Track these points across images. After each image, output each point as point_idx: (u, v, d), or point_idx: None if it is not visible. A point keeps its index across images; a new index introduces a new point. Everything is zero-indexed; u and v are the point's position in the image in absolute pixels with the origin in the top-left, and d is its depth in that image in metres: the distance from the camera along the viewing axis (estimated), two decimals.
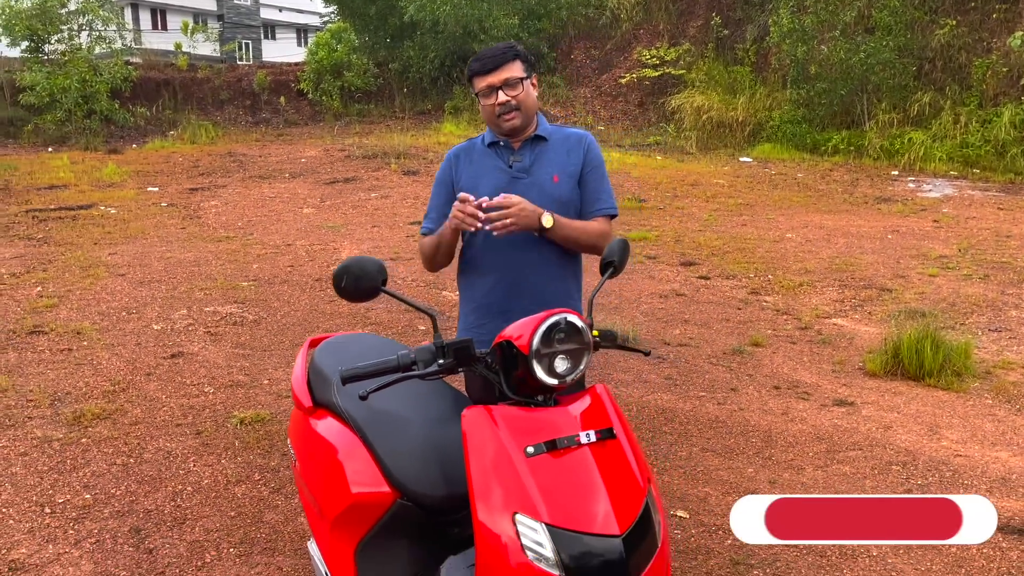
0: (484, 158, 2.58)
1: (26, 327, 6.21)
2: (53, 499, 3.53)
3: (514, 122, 2.49)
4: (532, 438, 1.68)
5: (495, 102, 2.46)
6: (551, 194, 2.51)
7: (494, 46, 2.53)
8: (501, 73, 2.45)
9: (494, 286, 2.47)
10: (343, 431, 2.26)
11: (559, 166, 2.55)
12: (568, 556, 1.57)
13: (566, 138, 2.60)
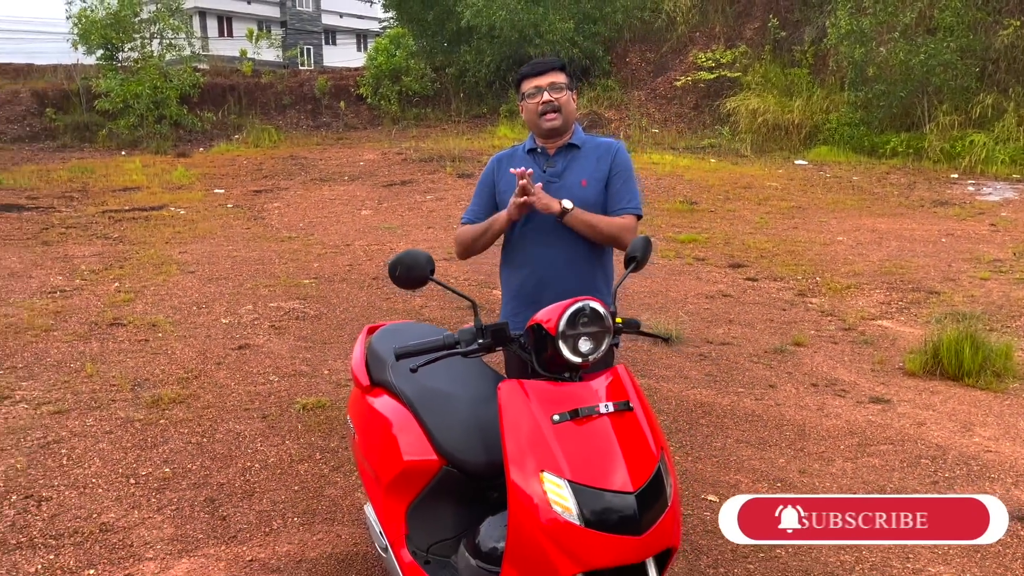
0: (522, 163, 2.85)
1: (107, 319, 6.68)
2: (137, 472, 3.89)
3: (555, 123, 2.76)
4: (558, 407, 1.93)
5: (540, 100, 2.73)
6: (579, 196, 2.78)
7: (543, 57, 2.83)
8: (548, 77, 2.75)
9: (527, 278, 2.73)
10: (396, 406, 2.54)
11: (588, 172, 2.82)
12: (588, 510, 1.81)
13: (597, 147, 2.87)
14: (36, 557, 3.14)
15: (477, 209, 2.93)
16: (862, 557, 3.19)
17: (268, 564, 3.09)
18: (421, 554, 2.40)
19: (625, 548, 1.82)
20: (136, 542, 3.25)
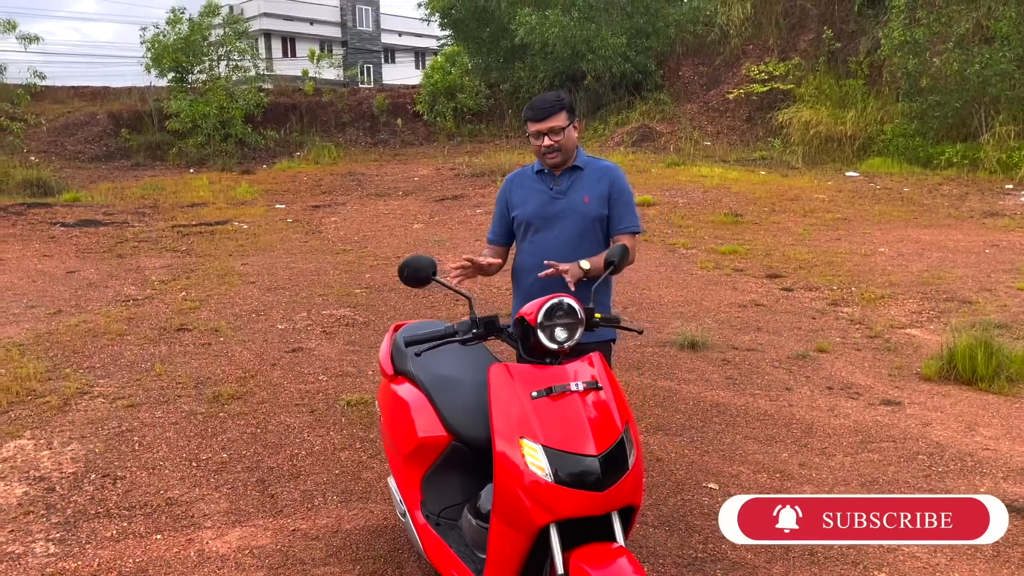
0: (532, 183, 3.26)
1: (174, 325, 7.26)
2: (198, 456, 4.37)
3: (555, 160, 3.15)
4: (536, 385, 2.30)
5: (541, 144, 3.11)
6: (581, 211, 3.16)
7: (545, 96, 3.17)
8: (548, 123, 3.08)
9: (534, 282, 3.09)
10: (414, 391, 2.95)
11: (590, 190, 3.19)
12: (559, 470, 2.17)
13: (597, 168, 3.25)
14: (112, 524, 3.63)
15: (497, 228, 3.33)
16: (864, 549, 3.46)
17: (309, 533, 3.52)
18: (433, 517, 2.79)
19: (590, 502, 2.18)
20: (196, 514, 3.72)
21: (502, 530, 2.28)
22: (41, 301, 8.26)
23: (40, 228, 12.85)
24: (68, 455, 4.38)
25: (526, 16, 22.61)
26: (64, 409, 5.10)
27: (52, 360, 6.17)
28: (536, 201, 3.19)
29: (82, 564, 3.29)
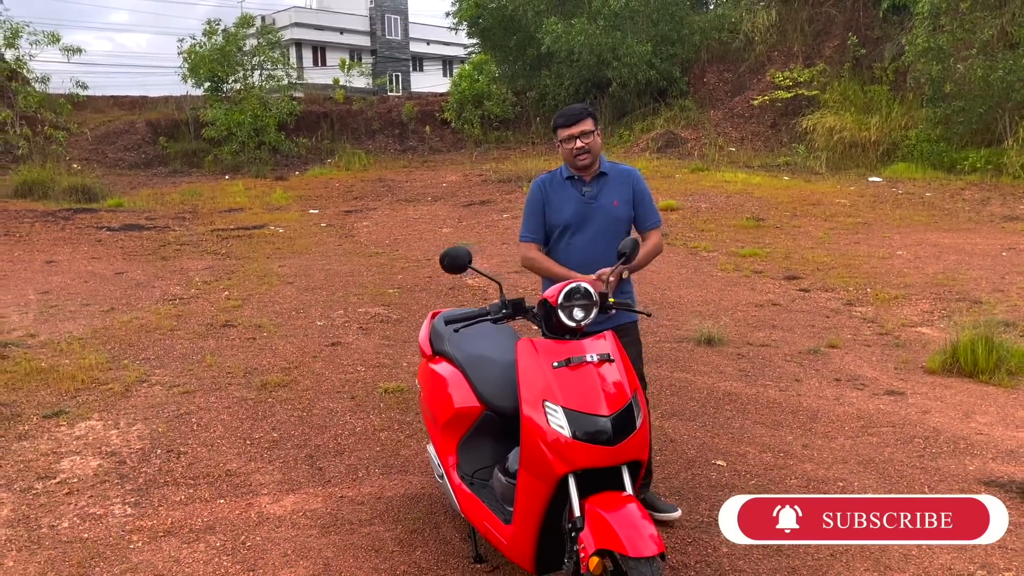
0: (564, 189, 3.60)
1: (220, 322, 7.73)
2: (251, 435, 4.81)
3: (586, 161, 3.52)
4: (557, 357, 2.69)
5: (574, 147, 3.48)
6: (613, 213, 3.55)
7: (572, 106, 3.58)
8: (578, 127, 3.46)
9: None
10: (451, 368, 3.35)
11: (617, 193, 3.58)
12: (576, 427, 2.56)
13: (620, 173, 3.64)
14: (179, 491, 4.06)
15: (534, 227, 3.61)
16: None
17: (354, 500, 3.93)
18: (467, 478, 3.19)
19: (603, 455, 2.56)
20: (254, 483, 4.14)
21: (528, 480, 2.67)
22: (94, 300, 8.78)
23: (87, 232, 13.46)
24: (134, 434, 4.83)
25: (552, 24, 23.02)
26: (126, 395, 5.57)
27: (110, 352, 6.65)
28: (572, 206, 3.53)
29: (157, 523, 3.72)
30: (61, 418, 5.09)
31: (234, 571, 3.29)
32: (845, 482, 4.04)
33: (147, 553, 3.45)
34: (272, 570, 3.29)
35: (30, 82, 23.25)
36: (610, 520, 2.47)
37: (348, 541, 3.52)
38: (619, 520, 2.46)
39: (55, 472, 4.30)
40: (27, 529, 3.67)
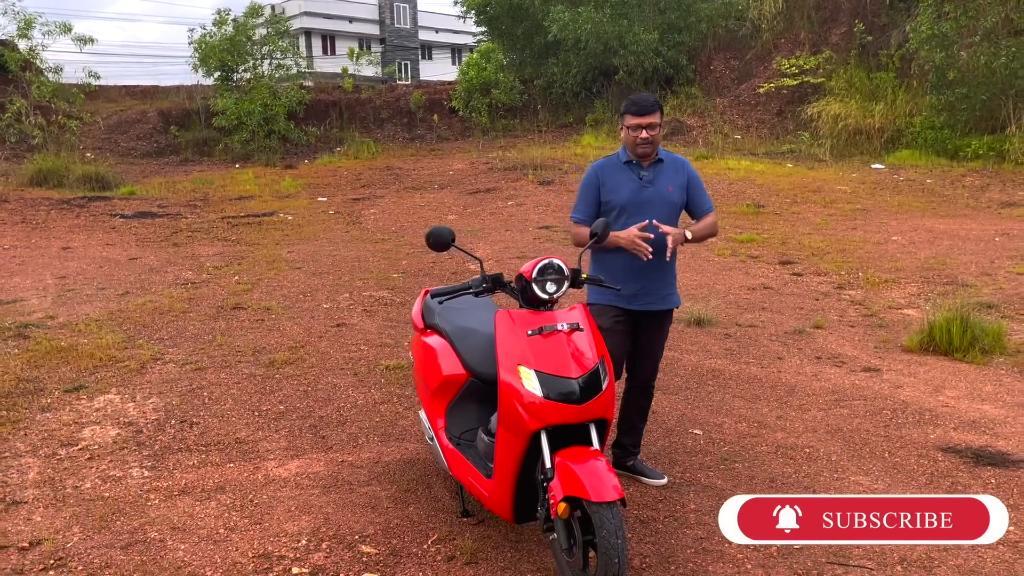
0: (622, 172, 3.76)
1: (230, 304, 8.04)
2: (260, 407, 5.12)
3: (646, 151, 3.71)
4: (531, 326, 2.97)
5: (639, 136, 3.65)
6: (668, 199, 3.74)
7: (646, 96, 3.75)
8: (648, 118, 3.64)
9: (629, 262, 3.63)
10: (440, 340, 3.64)
11: (672, 180, 3.77)
12: (547, 388, 2.84)
13: (673, 161, 3.83)
14: (193, 456, 4.37)
15: (586, 208, 3.76)
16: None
17: (354, 464, 4.23)
18: (455, 439, 3.48)
19: (571, 413, 2.85)
20: (261, 449, 4.45)
21: (505, 437, 2.96)
22: (109, 284, 9.11)
23: (102, 219, 13.80)
24: (150, 406, 5.15)
25: (559, 13, 23.17)
26: (142, 371, 5.88)
27: (126, 333, 6.97)
28: (628, 189, 3.71)
29: (172, 484, 4.03)
30: (81, 392, 5.41)
31: (243, 524, 3.59)
32: (811, 449, 4.31)
33: (163, 509, 3.76)
34: (277, 523, 3.59)
35: (43, 72, 23.64)
36: (577, 471, 2.75)
37: (347, 499, 3.82)
38: (585, 471, 2.75)
39: (77, 440, 4.62)
40: (53, 489, 3.99)
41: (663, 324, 3.89)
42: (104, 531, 3.55)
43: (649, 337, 3.87)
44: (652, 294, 3.77)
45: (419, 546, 3.36)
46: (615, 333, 3.68)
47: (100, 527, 3.59)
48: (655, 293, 3.78)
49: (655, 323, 3.85)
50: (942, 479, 3.92)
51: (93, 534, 3.52)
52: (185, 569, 3.22)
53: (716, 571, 3.11)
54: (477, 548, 3.31)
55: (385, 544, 3.38)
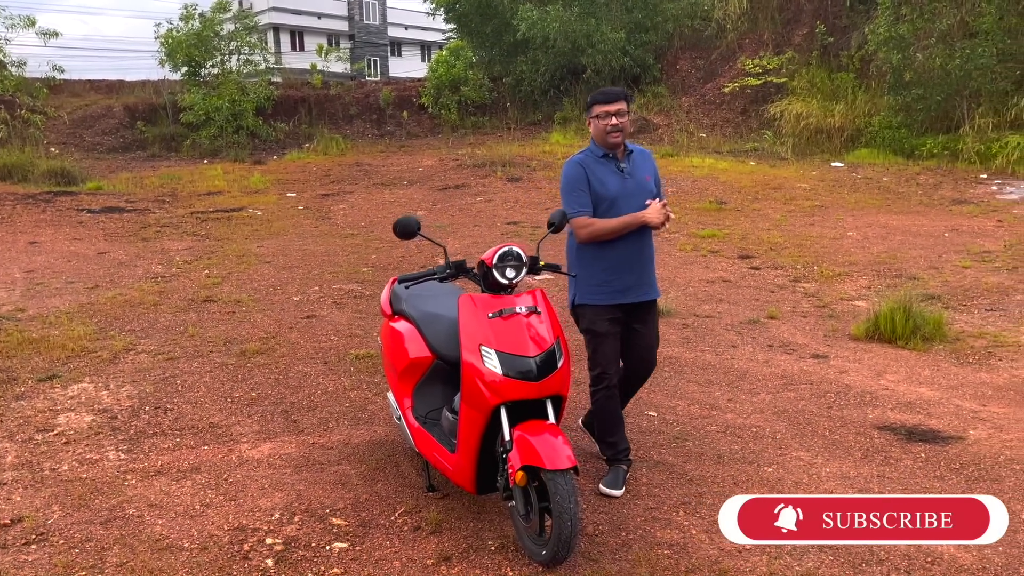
0: (602, 166, 3.83)
1: (201, 297, 8.16)
2: (232, 394, 5.27)
3: (617, 139, 3.78)
4: (492, 309, 3.19)
5: (608, 123, 3.74)
6: (647, 188, 3.85)
7: (612, 87, 3.90)
8: (615, 106, 3.74)
9: (623, 253, 3.77)
10: (407, 325, 3.85)
11: (646, 171, 3.90)
12: (507, 366, 3.06)
13: (641, 152, 3.97)
14: (167, 440, 4.53)
15: (584, 201, 3.76)
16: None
17: (325, 446, 4.41)
18: (421, 418, 3.69)
19: (529, 389, 3.07)
20: (234, 433, 4.62)
21: (468, 412, 3.18)
22: (78, 278, 9.16)
23: (68, 214, 13.76)
24: (124, 394, 5.28)
25: (527, 11, 23.38)
26: (114, 361, 6.00)
27: (97, 325, 7.07)
28: (614, 181, 3.79)
29: (148, 465, 4.19)
30: (55, 381, 5.53)
31: (218, 501, 3.77)
32: (758, 428, 4.58)
33: (140, 488, 3.91)
34: (251, 499, 3.77)
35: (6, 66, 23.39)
36: (533, 442, 2.97)
37: (318, 477, 4.01)
38: (540, 442, 2.97)
39: (52, 426, 4.75)
40: (31, 471, 4.13)
41: (652, 310, 4.00)
42: (83, 509, 3.70)
43: (647, 327, 3.97)
44: (645, 284, 3.90)
45: (387, 518, 3.56)
46: (611, 336, 3.82)
47: (79, 505, 3.74)
48: (647, 283, 3.92)
49: (647, 312, 3.97)
50: (876, 454, 4.21)
51: (73, 511, 3.68)
52: (163, 542, 3.39)
53: (663, 537, 3.36)
54: (442, 519, 3.52)
55: (355, 516, 3.58)
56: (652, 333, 4.01)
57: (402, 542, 3.36)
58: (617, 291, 3.80)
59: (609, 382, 3.87)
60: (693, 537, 3.34)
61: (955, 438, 4.39)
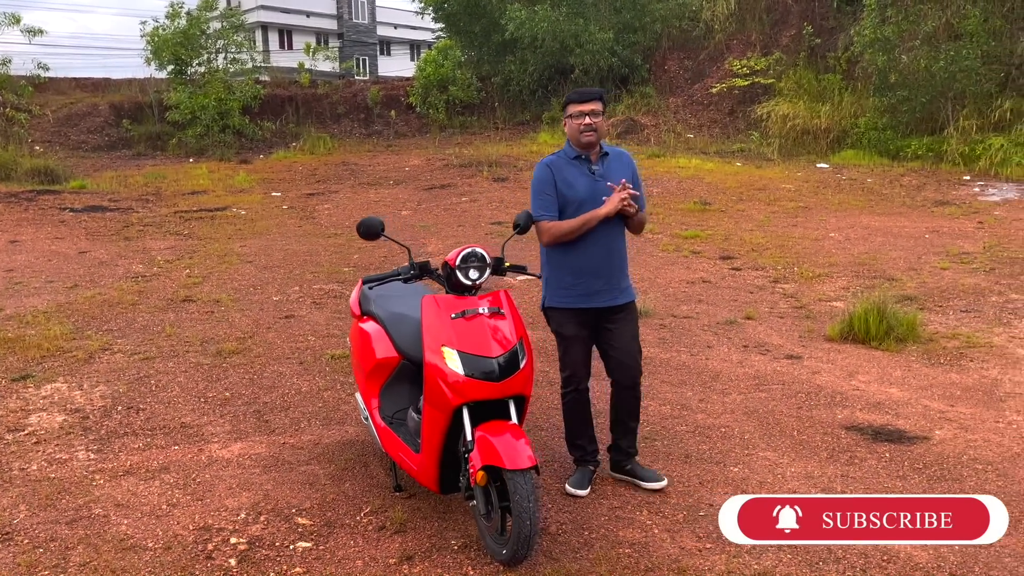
0: (573, 167, 3.77)
1: (180, 297, 8.14)
2: (206, 394, 5.27)
3: (591, 138, 3.72)
4: (455, 310, 3.20)
5: (582, 123, 3.69)
6: None
7: (588, 87, 3.88)
8: (589, 105, 3.70)
9: (590, 257, 3.71)
10: (375, 326, 3.86)
11: (621, 172, 3.79)
12: (469, 367, 3.07)
13: (619, 155, 3.91)
14: (138, 440, 4.52)
15: (548, 204, 3.71)
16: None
17: (295, 446, 4.42)
18: (388, 418, 3.70)
19: (491, 389, 3.09)
20: (206, 433, 4.62)
21: (430, 411, 3.19)
22: (58, 277, 9.13)
23: (50, 213, 13.70)
24: (97, 394, 5.27)
25: (516, 11, 23.40)
26: (89, 361, 5.99)
27: (74, 324, 7.05)
28: (583, 183, 3.72)
29: (117, 465, 4.19)
30: (28, 381, 5.51)
31: (185, 501, 3.77)
32: (727, 428, 4.61)
33: (108, 488, 3.91)
34: (218, 499, 3.77)
35: None
36: (494, 442, 2.99)
37: (286, 477, 4.01)
38: (502, 442, 2.99)
39: (23, 425, 4.74)
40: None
41: (628, 314, 3.87)
42: (50, 508, 3.70)
43: (620, 331, 3.85)
44: (614, 288, 3.78)
45: (352, 518, 3.58)
46: (579, 341, 3.79)
47: (46, 505, 3.73)
48: (616, 287, 3.80)
49: (621, 316, 3.84)
50: (842, 454, 4.25)
51: (39, 511, 3.67)
52: (127, 541, 3.39)
53: (625, 536, 3.38)
54: (407, 519, 3.53)
55: (320, 516, 3.59)
56: (625, 337, 3.86)
57: (366, 541, 3.37)
58: (583, 295, 3.73)
59: (578, 385, 3.88)
60: (655, 536, 3.37)
61: (921, 438, 4.43)
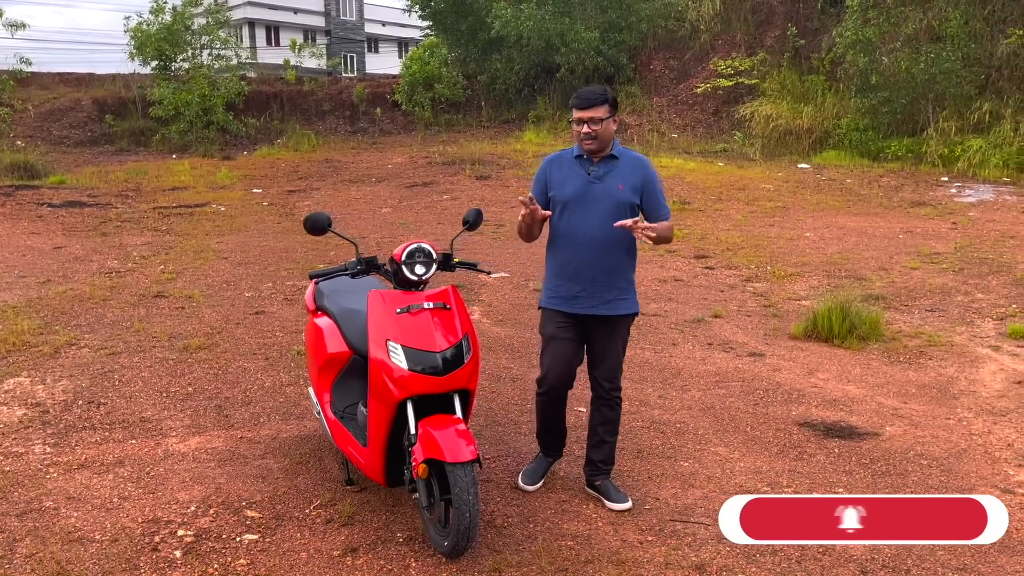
0: (571, 167, 3.66)
1: (152, 292, 8.14)
2: (168, 389, 5.28)
3: (590, 146, 3.56)
4: (400, 305, 3.24)
5: (581, 131, 3.53)
6: (616, 196, 3.56)
7: (592, 88, 3.58)
8: (590, 112, 3.49)
9: (570, 259, 3.60)
10: (328, 321, 3.89)
11: (624, 178, 3.60)
12: (412, 361, 3.10)
13: (631, 159, 3.68)
14: (96, 434, 4.53)
15: (536, 197, 3.58)
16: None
17: (253, 440, 4.44)
18: (339, 412, 3.73)
19: (434, 383, 3.13)
20: (164, 427, 4.63)
21: (375, 405, 3.23)
22: (31, 272, 9.10)
23: (28, 208, 13.63)
24: (59, 389, 5.27)
25: (501, 9, 23.41)
26: (55, 356, 5.99)
27: (43, 319, 7.04)
28: (574, 184, 3.60)
29: (72, 459, 4.20)
30: None
31: (136, 494, 3.79)
32: (682, 424, 4.66)
33: (61, 482, 3.92)
34: (170, 492, 3.79)
35: None
36: (436, 435, 3.03)
37: (240, 471, 4.04)
38: (443, 436, 3.03)
39: None
40: None
41: (614, 329, 3.73)
42: (1, 501, 3.71)
43: (600, 342, 3.76)
44: (594, 298, 3.63)
45: (301, 511, 3.60)
46: (559, 341, 3.68)
47: None
48: (597, 297, 3.63)
49: (604, 328, 3.72)
50: (792, 449, 4.31)
51: None
52: (75, 534, 3.41)
53: (569, 528, 3.42)
54: (355, 512, 3.56)
55: (270, 509, 3.62)
56: (604, 351, 3.78)
57: (312, 534, 3.40)
58: (564, 298, 3.64)
59: (548, 386, 3.78)
60: (599, 529, 3.41)
61: (871, 434, 4.49)
